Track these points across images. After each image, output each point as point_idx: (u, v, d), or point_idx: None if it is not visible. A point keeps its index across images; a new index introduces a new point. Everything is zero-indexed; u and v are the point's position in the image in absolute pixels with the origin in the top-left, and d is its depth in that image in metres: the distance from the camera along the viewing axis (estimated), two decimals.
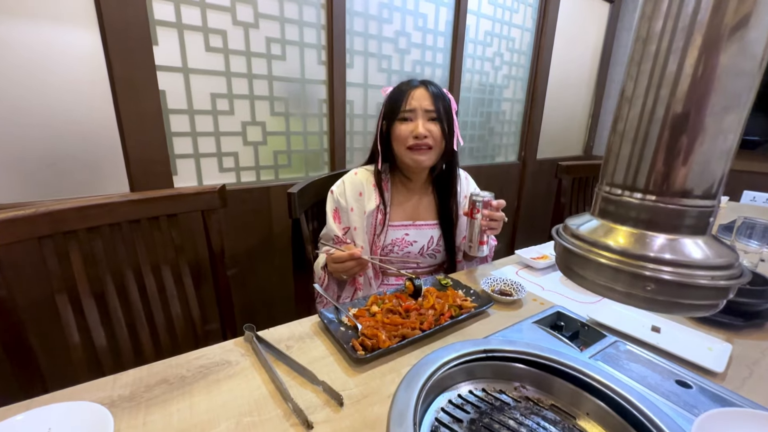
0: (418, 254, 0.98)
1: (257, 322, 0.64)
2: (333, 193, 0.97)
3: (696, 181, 0.27)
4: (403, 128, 0.88)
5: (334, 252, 0.82)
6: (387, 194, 0.95)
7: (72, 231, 0.73)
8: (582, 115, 2.56)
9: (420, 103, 0.87)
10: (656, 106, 0.27)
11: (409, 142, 0.88)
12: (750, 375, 0.58)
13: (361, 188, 0.94)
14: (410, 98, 0.87)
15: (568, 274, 0.34)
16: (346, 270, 0.81)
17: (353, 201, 0.94)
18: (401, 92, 0.89)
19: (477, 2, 1.72)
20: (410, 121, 0.88)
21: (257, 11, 1.15)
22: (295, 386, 0.53)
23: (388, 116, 0.91)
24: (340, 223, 0.95)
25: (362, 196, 0.94)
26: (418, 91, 0.88)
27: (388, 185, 0.96)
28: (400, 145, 0.90)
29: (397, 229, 0.96)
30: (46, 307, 0.93)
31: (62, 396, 0.49)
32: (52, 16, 0.88)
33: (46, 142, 0.93)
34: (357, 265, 0.80)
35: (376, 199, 0.94)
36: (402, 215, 0.97)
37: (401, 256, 0.97)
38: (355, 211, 0.94)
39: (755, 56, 0.24)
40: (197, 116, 1.12)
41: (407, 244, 0.96)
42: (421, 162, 0.90)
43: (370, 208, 0.93)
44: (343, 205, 0.94)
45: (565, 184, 1.58)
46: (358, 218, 0.94)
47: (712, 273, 0.27)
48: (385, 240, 0.95)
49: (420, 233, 0.97)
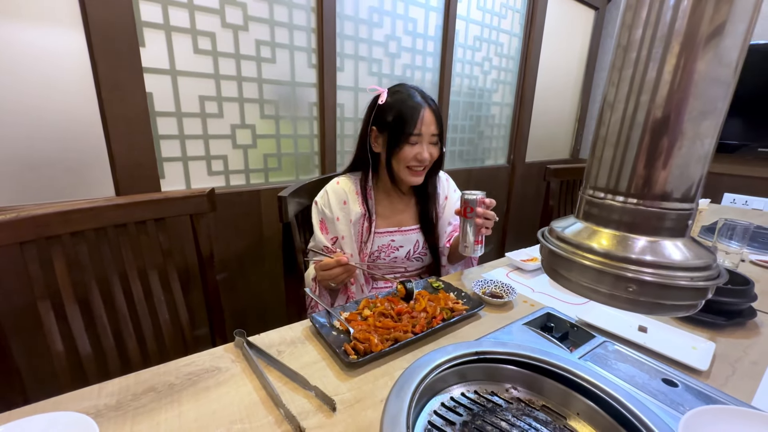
0: (405, 258, 0.98)
1: (248, 327, 0.63)
2: (317, 204, 0.96)
3: (675, 184, 0.28)
4: (409, 151, 0.87)
5: (323, 260, 0.81)
6: (371, 202, 0.95)
7: (55, 236, 0.71)
8: (569, 119, 2.61)
9: (429, 129, 0.87)
10: (637, 112, 0.28)
11: (411, 164, 0.89)
12: (733, 373, 0.59)
13: (344, 197, 0.94)
14: (420, 122, 0.86)
15: (553, 276, 0.35)
16: (333, 277, 0.80)
17: (338, 210, 0.94)
18: (411, 111, 0.86)
19: (466, 7, 1.75)
20: (417, 144, 0.88)
21: (246, 14, 1.14)
22: (287, 392, 0.52)
23: (391, 131, 0.88)
24: (328, 234, 0.95)
25: (347, 205, 0.94)
26: (427, 114, 0.87)
27: (372, 193, 0.97)
28: (401, 164, 0.90)
29: (383, 236, 0.96)
30: (27, 314, 0.90)
31: (45, 406, 0.48)
32: (35, 16, 0.86)
33: (29, 145, 0.90)
34: (344, 271, 0.80)
35: (360, 207, 0.94)
36: (387, 222, 0.98)
37: (388, 262, 0.98)
38: (341, 220, 0.93)
39: (730, 64, 0.25)
40: (185, 119, 1.10)
41: (393, 250, 0.97)
42: (417, 182, 0.92)
43: (356, 217, 0.93)
44: (329, 215, 0.94)
45: (554, 186, 1.61)
46: (345, 227, 0.93)
47: (691, 274, 0.28)
48: (372, 247, 0.95)
49: (405, 238, 0.98)
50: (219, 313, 0.96)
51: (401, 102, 0.88)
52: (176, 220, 0.89)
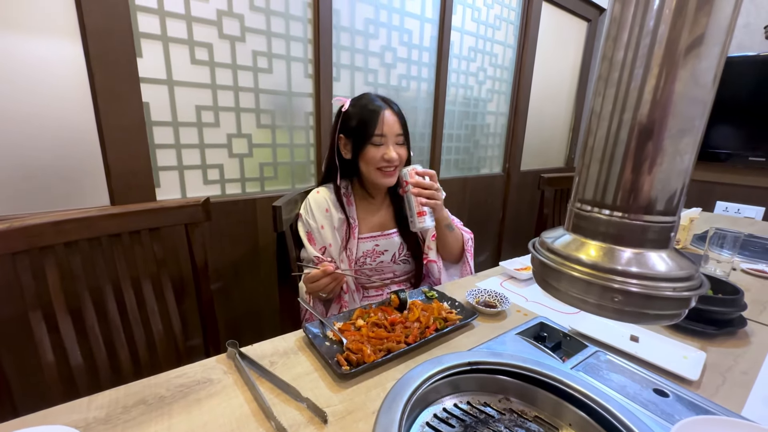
0: (391, 262, 0.99)
1: (242, 336, 0.63)
2: (302, 217, 0.97)
3: (658, 198, 0.29)
4: (374, 152, 0.90)
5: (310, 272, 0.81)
6: (351, 208, 0.97)
7: (48, 246, 0.71)
8: (563, 128, 2.64)
9: (391, 129, 0.90)
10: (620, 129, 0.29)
11: (380, 165, 0.91)
12: (723, 382, 0.60)
13: (326, 205, 0.95)
14: (381, 123, 0.89)
15: (544, 286, 0.35)
16: (323, 287, 0.80)
17: (321, 218, 0.95)
18: (371, 114, 0.89)
19: (461, 19, 1.78)
20: (381, 145, 0.90)
21: (244, 25, 1.16)
22: (279, 404, 0.52)
23: (355, 136, 0.91)
24: (315, 245, 0.95)
25: (329, 212, 0.95)
26: (388, 116, 0.90)
27: (352, 199, 0.99)
28: (370, 166, 0.92)
29: (366, 241, 0.98)
30: (18, 324, 0.89)
31: (34, 420, 0.47)
32: (33, 26, 0.87)
33: (24, 153, 0.90)
34: (332, 280, 0.79)
35: (340, 212, 0.96)
36: (369, 227, 1.00)
37: (376, 266, 0.98)
38: (326, 227, 0.94)
39: (706, 84, 0.26)
40: (182, 128, 1.11)
41: (379, 254, 0.98)
42: (390, 183, 0.94)
43: (338, 223, 0.95)
44: (313, 225, 0.95)
45: (548, 195, 1.62)
46: (330, 234, 0.94)
47: (674, 284, 0.28)
48: (357, 253, 0.96)
49: (388, 242, 0.99)
50: (213, 323, 0.95)
51: (362, 107, 0.91)
52: (171, 230, 0.89)
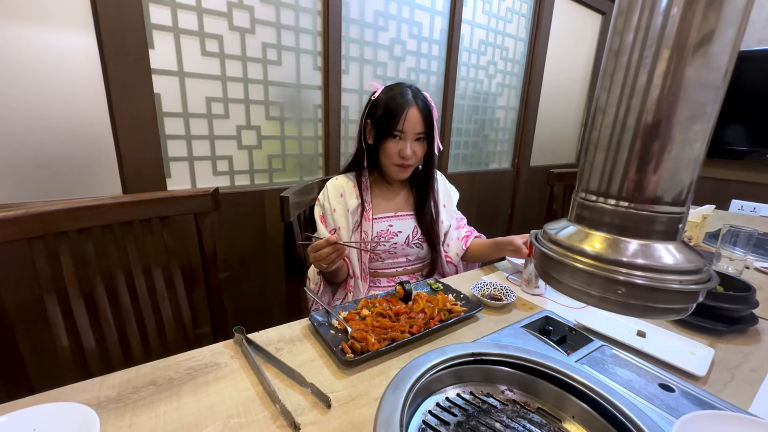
0: (404, 245, 1.00)
1: (249, 326, 0.64)
2: (319, 201, 1.01)
3: (666, 188, 0.28)
4: (392, 146, 0.92)
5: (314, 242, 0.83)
6: (366, 193, 1.00)
7: (63, 232, 0.73)
8: (574, 124, 2.60)
9: (412, 127, 0.91)
10: (627, 116, 0.28)
11: (396, 161, 0.93)
12: (732, 379, 0.59)
13: (341, 190, 0.99)
14: (403, 120, 0.89)
15: (546, 278, 0.35)
16: (324, 257, 0.80)
17: (335, 202, 0.98)
18: (398, 107, 0.90)
19: (471, 12, 1.75)
20: (400, 139, 0.92)
21: (254, 17, 1.16)
22: (284, 388, 0.53)
23: (379, 125, 0.93)
24: (327, 226, 0.99)
25: (343, 197, 0.98)
26: (413, 113, 0.90)
27: (367, 185, 1.01)
28: (387, 158, 0.95)
29: (380, 221, 0.99)
30: (34, 308, 0.92)
31: (48, 397, 0.49)
32: (47, 18, 0.89)
33: (39, 143, 0.93)
34: (334, 251, 0.80)
35: (357, 197, 0.98)
36: (384, 209, 1.02)
37: (388, 249, 0.99)
38: (338, 211, 0.97)
39: (719, 69, 0.26)
40: (192, 119, 1.12)
41: (392, 235, 0.99)
42: (402, 177, 0.98)
43: (353, 207, 0.97)
44: (327, 207, 0.98)
45: (557, 191, 1.60)
46: (342, 217, 0.97)
47: (681, 277, 0.28)
48: (371, 234, 0.98)
49: (403, 223, 1.00)
50: (221, 311, 0.97)
51: (391, 99, 0.92)
52: (181, 219, 0.90)
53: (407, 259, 1.02)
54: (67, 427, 0.43)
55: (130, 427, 0.46)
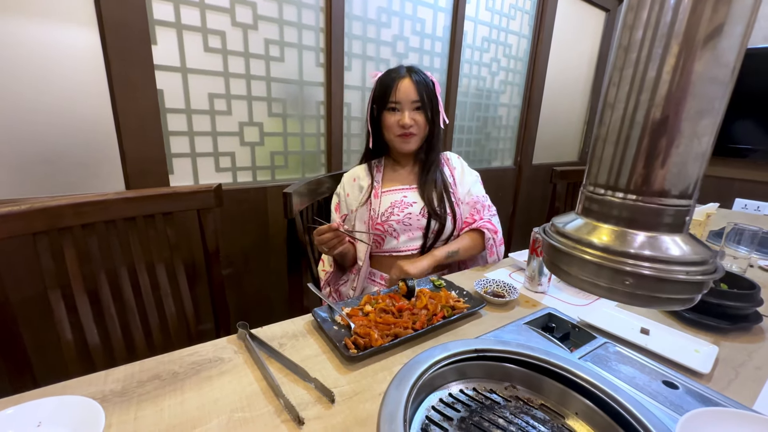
0: (419, 215, 0.98)
1: (252, 322, 0.64)
2: (336, 192, 1.08)
3: (673, 181, 0.28)
4: (391, 118, 0.97)
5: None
6: (378, 174, 1.04)
7: (67, 227, 0.73)
8: (578, 122, 2.59)
9: (406, 96, 0.94)
10: (636, 111, 0.28)
11: (397, 132, 0.97)
12: (736, 377, 0.59)
13: (355, 176, 1.06)
14: (397, 90, 0.94)
15: (554, 270, 0.35)
16: (326, 242, 0.86)
17: (349, 187, 1.05)
18: (390, 80, 0.95)
19: (474, 8, 1.75)
20: (397, 111, 0.96)
21: (256, 13, 1.16)
22: (287, 383, 0.53)
23: (377, 102, 0.98)
24: (339, 213, 1.06)
25: (356, 181, 1.05)
26: (404, 83, 0.94)
27: (381, 168, 1.06)
28: (389, 132, 0.99)
29: (394, 192, 1.01)
30: (38, 303, 0.92)
31: (53, 390, 0.49)
32: (51, 14, 0.89)
33: (43, 139, 0.93)
34: (335, 236, 0.86)
35: (368, 178, 1.04)
36: (395, 182, 1.04)
37: (402, 218, 0.98)
38: (351, 195, 1.04)
39: (728, 64, 0.26)
40: (195, 116, 1.12)
41: (407, 205, 0.99)
42: (407, 148, 1.00)
43: (365, 186, 1.03)
44: (342, 194, 1.05)
45: (560, 189, 1.60)
46: (354, 200, 1.03)
47: (687, 268, 0.28)
48: (381, 208, 1.00)
49: (416, 194, 1.02)
50: (224, 307, 0.97)
51: (386, 75, 0.98)
52: (184, 215, 0.90)
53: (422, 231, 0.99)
54: (72, 420, 0.43)
55: (135, 421, 0.46)
